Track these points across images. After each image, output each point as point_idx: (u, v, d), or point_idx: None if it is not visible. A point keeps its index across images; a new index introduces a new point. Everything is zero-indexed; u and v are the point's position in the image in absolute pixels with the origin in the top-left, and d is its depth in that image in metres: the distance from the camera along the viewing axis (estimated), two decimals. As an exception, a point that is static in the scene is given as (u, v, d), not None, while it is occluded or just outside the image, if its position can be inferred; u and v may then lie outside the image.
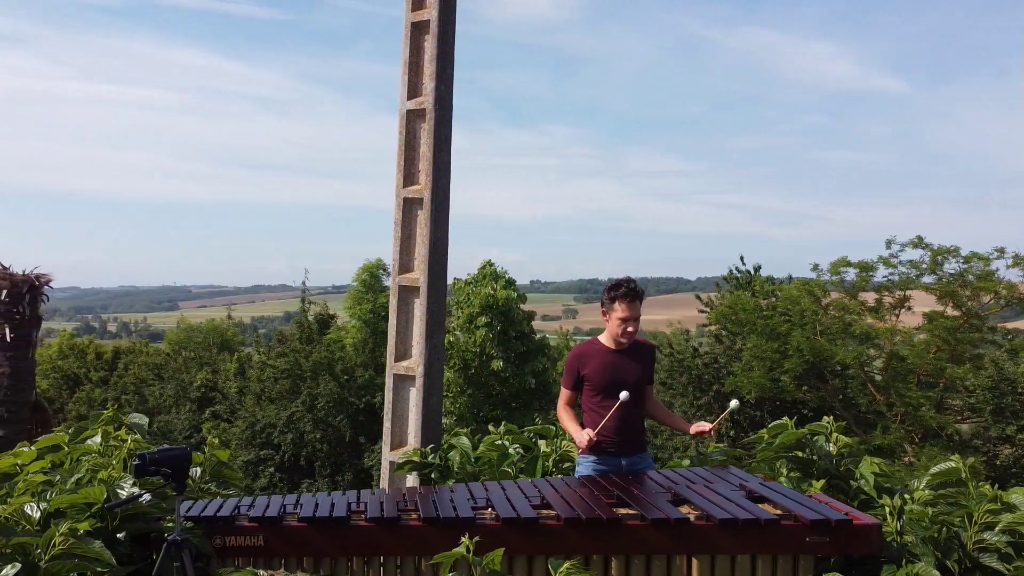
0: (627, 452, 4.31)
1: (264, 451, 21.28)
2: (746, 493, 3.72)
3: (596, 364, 4.30)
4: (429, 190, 5.28)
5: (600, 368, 4.29)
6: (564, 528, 3.29)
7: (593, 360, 4.33)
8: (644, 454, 4.43)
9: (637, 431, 4.39)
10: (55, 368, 39.87)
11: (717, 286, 25.89)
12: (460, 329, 20.55)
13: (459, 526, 3.27)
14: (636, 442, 4.37)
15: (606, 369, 4.28)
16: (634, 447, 4.35)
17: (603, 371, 4.27)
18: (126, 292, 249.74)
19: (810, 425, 4.95)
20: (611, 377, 4.25)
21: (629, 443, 4.32)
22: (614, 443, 4.29)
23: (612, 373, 4.26)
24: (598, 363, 4.30)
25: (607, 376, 4.26)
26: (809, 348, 19.99)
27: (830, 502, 3.66)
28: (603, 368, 4.28)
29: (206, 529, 3.26)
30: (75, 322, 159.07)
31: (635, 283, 4.33)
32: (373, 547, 3.31)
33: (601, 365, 4.29)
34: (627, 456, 4.31)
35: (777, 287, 23.50)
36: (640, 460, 4.38)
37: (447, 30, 5.35)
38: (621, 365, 4.28)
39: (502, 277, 21.17)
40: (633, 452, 4.34)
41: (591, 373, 4.30)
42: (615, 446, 4.29)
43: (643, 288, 4.42)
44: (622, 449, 4.30)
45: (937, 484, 4.07)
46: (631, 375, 4.28)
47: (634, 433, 4.36)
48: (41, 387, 37.63)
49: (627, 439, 4.30)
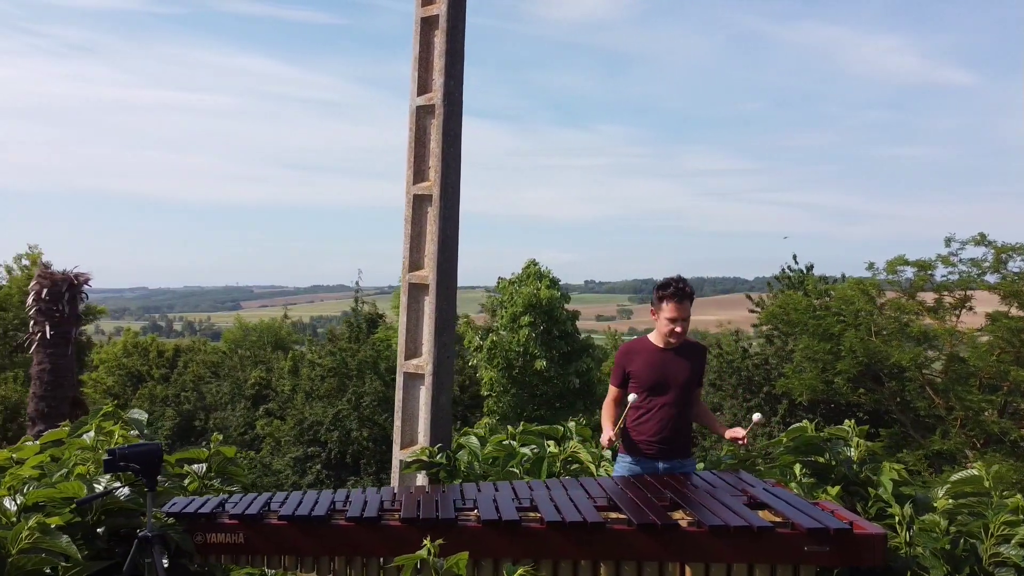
0: (667, 456, 4.15)
1: (311, 448, 21.60)
2: (748, 499, 3.56)
3: (643, 362, 4.18)
4: (438, 186, 5.23)
5: (646, 366, 4.16)
6: (547, 531, 3.19)
7: (640, 358, 4.20)
8: (687, 460, 4.25)
9: (680, 435, 4.20)
10: (120, 365, 41.15)
11: (769, 286, 25.29)
12: (504, 328, 20.51)
13: (439, 527, 3.20)
14: (678, 446, 4.19)
15: (653, 368, 4.15)
16: (676, 451, 4.17)
17: (649, 369, 4.15)
18: (191, 292, 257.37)
19: (830, 429, 4.74)
20: (657, 376, 4.13)
21: (670, 447, 4.15)
22: (652, 446, 4.14)
23: (659, 372, 4.14)
24: (645, 361, 4.18)
25: (653, 375, 4.14)
26: (863, 349, 19.34)
27: (837, 510, 3.48)
28: (650, 366, 4.15)
29: (188, 526, 3.26)
30: (143, 321, 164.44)
31: (685, 282, 4.19)
32: (354, 547, 3.26)
33: (648, 363, 4.17)
34: (667, 460, 4.15)
35: (830, 286, 22.82)
36: (681, 466, 4.19)
37: (456, 25, 5.29)
38: (669, 364, 4.15)
39: (546, 276, 21.05)
40: (673, 456, 4.17)
41: (637, 371, 4.17)
42: (653, 449, 4.15)
43: (693, 288, 4.27)
44: (662, 453, 4.15)
45: (959, 493, 3.83)
46: (679, 375, 4.15)
47: (677, 437, 4.17)
48: (107, 383, 38.99)
49: (668, 443, 4.14)
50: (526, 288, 20.47)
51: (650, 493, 3.62)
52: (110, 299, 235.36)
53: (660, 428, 4.13)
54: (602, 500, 3.53)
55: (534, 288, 20.44)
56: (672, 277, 4.22)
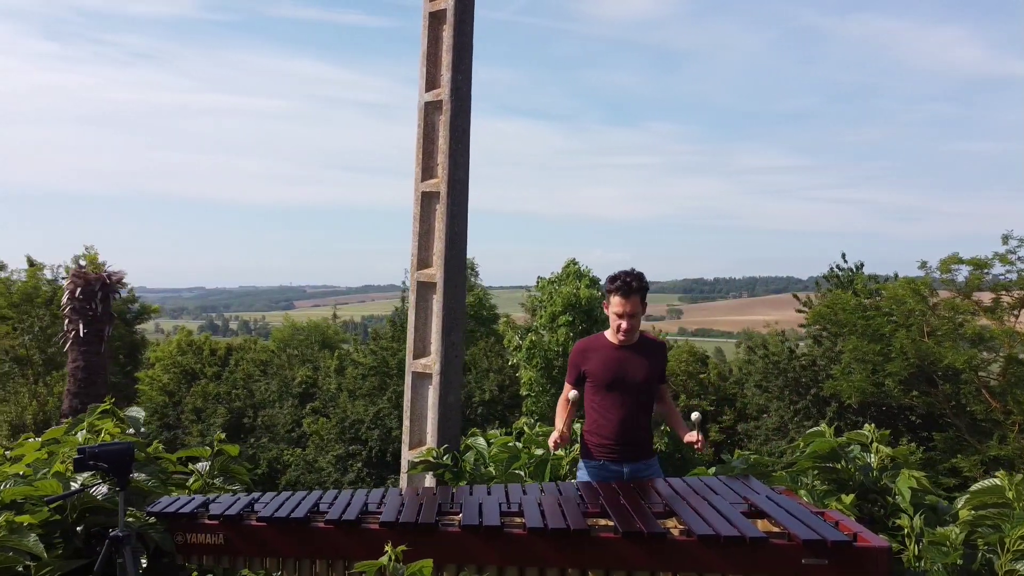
0: (629, 458, 4.01)
1: (352, 446, 21.78)
2: (749, 507, 3.40)
3: (598, 360, 4.03)
4: (445, 183, 5.14)
5: (602, 364, 4.01)
6: (528, 537, 3.08)
7: (596, 355, 4.05)
8: (650, 460, 4.11)
9: (640, 436, 4.06)
10: (175, 363, 42.04)
11: (817, 285, 24.64)
12: (543, 328, 20.39)
13: (418, 532, 3.12)
14: (640, 448, 4.05)
15: (608, 365, 3.99)
16: (637, 453, 4.04)
17: (605, 367, 3.99)
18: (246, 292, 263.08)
19: (849, 434, 4.53)
20: (613, 374, 3.97)
21: (631, 449, 4.01)
22: (614, 449, 4.00)
23: (615, 370, 3.98)
24: (601, 359, 4.03)
25: (609, 373, 3.98)
26: (914, 350, 18.68)
27: (842, 521, 3.28)
28: (605, 364, 4.00)
29: (169, 525, 3.24)
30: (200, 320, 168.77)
31: (634, 276, 3.96)
32: (333, 550, 3.20)
33: (603, 361, 4.01)
34: (629, 463, 4.00)
35: (881, 285, 22.11)
36: (645, 467, 4.05)
37: (464, 19, 5.20)
38: (626, 362, 3.99)
39: (586, 276, 20.86)
40: (637, 458, 4.03)
41: (592, 369, 4.03)
42: (615, 452, 4.00)
43: (646, 283, 4.04)
44: (623, 455, 4.00)
45: (979, 504, 3.59)
46: (636, 373, 3.98)
47: (637, 438, 4.04)
48: (162, 380, 39.91)
49: (629, 444, 4.00)
50: (565, 288, 20.33)
51: (646, 499, 3.48)
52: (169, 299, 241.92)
53: (620, 430, 3.97)
54: (596, 506, 3.40)
55: (573, 288, 20.28)
56: (623, 271, 3.99)
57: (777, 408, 23.35)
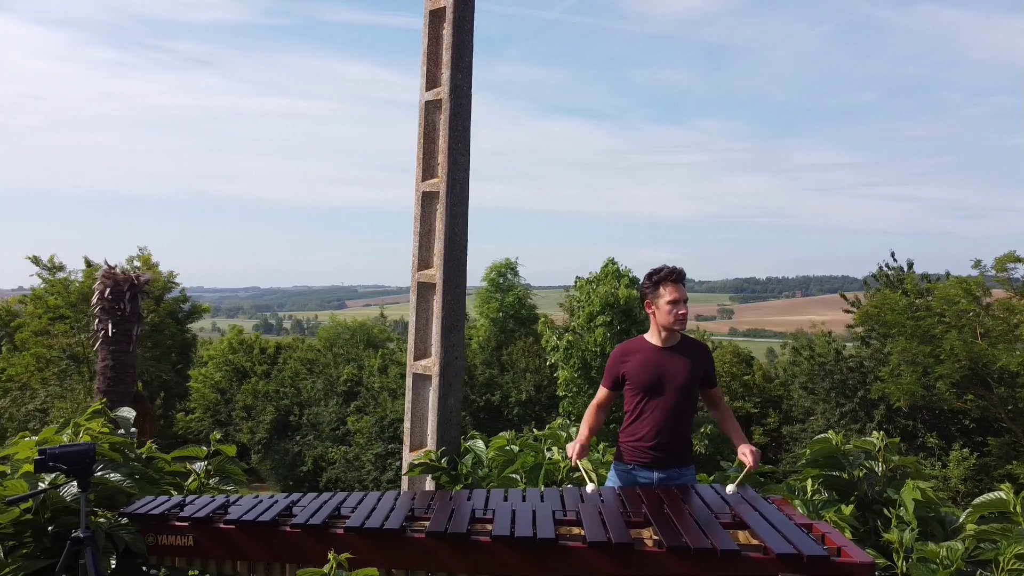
0: (662, 465, 3.82)
1: (392, 445, 21.92)
2: (732, 517, 3.26)
3: (638, 362, 3.85)
4: (445, 183, 5.09)
5: (642, 366, 3.84)
6: (492, 545, 3.00)
7: (636, 357, 3.87)
8: (684, 469, 3.90)
9: (677, 442, 3.86)
10: (227, 361, 42.88)
11: (866, 284, 23.95)
12: (581, 328, 20.24)
13: (383, 538, 3.07)
14: (675, 454, 3.85)
15: (649, 367, 3.82)
16: (672, 460, 3.84)
17: (645, 369, 3.82)
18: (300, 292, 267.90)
19: (856, 440, 4.34)
20: (654, 376, 3.80)
21: (665, 454, 3.82)
22: (646, 453, 3.84)
23: (655, 372, 3.81)
24: (641, 360, 3.85)
25: (650, 375, 3.81)
26: (966, 352, 18.03)
27: (829, 534, 3.12)
28: (645, 366, 3.83)
29: (142, 526, 3.25)
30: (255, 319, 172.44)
31: (675, 266, 3.89)
32: (301, 554, 3.16)
33: (644, 363, 3.84)
34: (662, 469, 3.83)
35: (932, 285, 21.37)
36: (679, 475, 3.86)
37: (464, 15, 5.14)
38: (667, 364, 3.82)
39: (625, 275, 20.64)
40: (670, 465, 3.84)
41: (632, 371, 3.86)
42: (647, 456, 3.84)
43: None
44: (656, 461, 3.82)
45: (981, 518, 3.40)
46: (677, 376, 3.80)
47: (673, 443, 3.84)
48: (215, 378, 40.77)
49: (663, 449, 3.82)
50: (603, 287, 20.14)
51: (625, 507, 3.37)
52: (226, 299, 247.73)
53: (655, 433, 3.81)
54: (572, 513, 3.30)
55: (611, 287, 20.08)
56: (663, 264, 3.91)
57: (823, 411, 22.78)
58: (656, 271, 3.91)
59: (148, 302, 32.56)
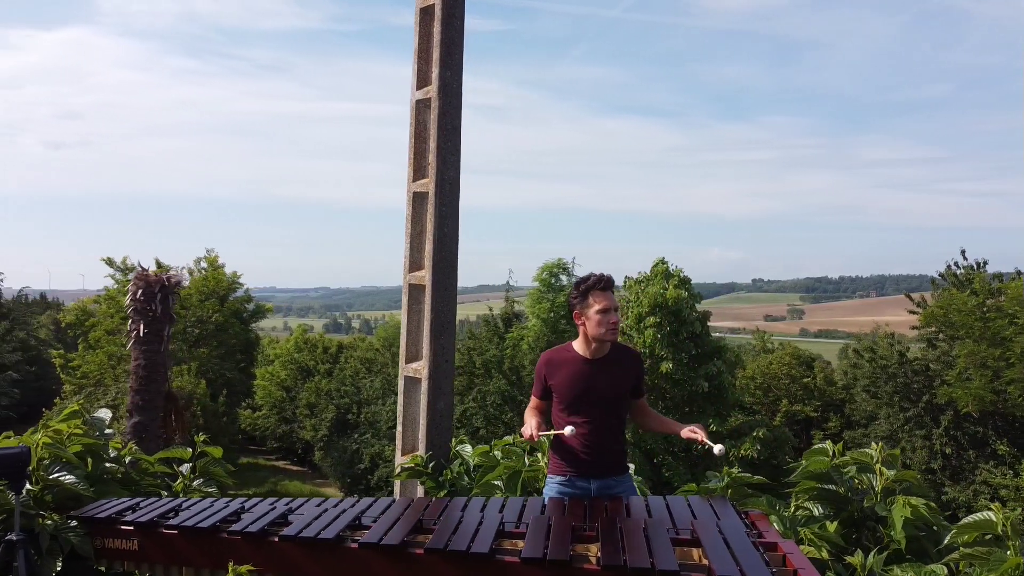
0: (597, 474, 3.71)
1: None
2: (691, 533, 3.07)
3: (565, 374, 3.73)
4: (434, 183, 5.01)
5: (569, 379, 3.71)
6: (424, 557, 2.90)
7: (563, 369, 3.75)
8: (621, 477, 3.78)
9: (608, 453, 3.73)
10: (292, 360, 43.81)
11: (933, 284, 22.87)
12: (630, 329, 19.91)
13: (318, 547, 3.00)
14: (609, 463, 3.74)
15: (576, 380, 3.69)
16: (606, 468, 3.73)
17: (571, 382, 3.69)
18: (368, 292, 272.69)
19: (853, 452, 4.08)
20: (580, 390, 3.67)
21: (599, 464, 3.72)
22: (579, 464, 3.73)
23: (582, 387, 3.67)
24: (567, 373, 3.72)
25: (576, 389, 3.68)
26: (1038, 356, 17.02)
27: (792, 555, 2.92)
28: (572, 379, 3.70)
29: (91, 529, 3.26)
30: (324, 319, 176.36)
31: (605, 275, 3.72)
32: (239, 561, 3.10)
33: (570, 375, 3.71)
34: (598, 478, 3.71)
35: (1004, 285, 20.25)
36: (616, 483, 3.74)
37: (453, 12, 5.05)
38: (595, 378, 3.68)
39: (675, 276, 20.21)
40: (606, 474, 3.72)
41: (558, 384, 3.73)
42: (581, 467, 3.73)
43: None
44: (591, 471, 3.72)
45: (967, 540, 3.12)
46: (606, 390, 3.67)
47: (604, 455, 3.72)
48: (280, 376, 41.72)
49: (596, 459, 3.71)
50: (652, 288, 19.76)
51: (578, 520, 3.22)
52: (297, 299, 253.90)
53: (586, 446, 3.67)
54: (525, 525, 3.17)
55: (661, 288, 19.69)
56: (594, 272, 3.75)
57: (887, 415, 21.85)
58: (583, 280, 3.75)
59: (213, 302, 33.58)
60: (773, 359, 25.73)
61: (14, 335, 40.57)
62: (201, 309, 33.46)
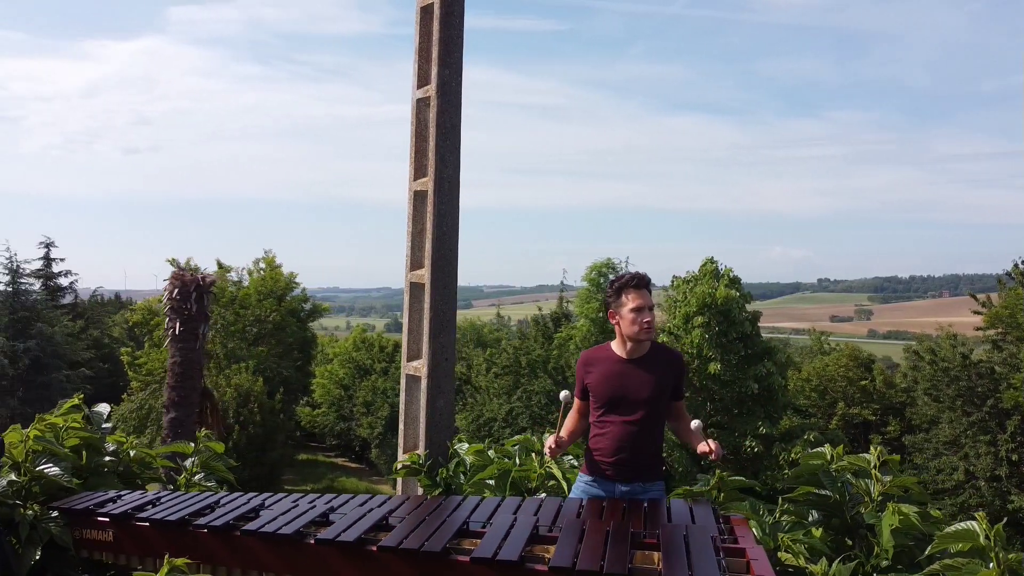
0: (625, 478, 3.61)
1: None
2: (657, 537, 3.00)
3: (600, 373, 3.66)
4: (433, 181, 5.01)
5: (604, 378, 3.63)
6: (378, 553, 2.89)
7: (598, 368, 3.68)
8: (653, 484, 3.66)
9: (641, 456, 3.62)
10: (350, 359, 44.54)
11: (1000, 283, 21.90)
12: (678, 329, 19.64)
13: (277, 542, 3.02)
14: (641, 467, 3.63)
15: (611, 380, 3.61)
16: (636, 474, 3.62)
17: (607, 382, 3.62)
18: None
19: (850, 457, 3.91)
20: (616, 390, 3.60)
21: (629, 468, 3.61)
22: (609, 466, 3.63)
23: (617, 386, 3.60)
24: (603, 372, 3.65)
25: (612, 388, 3.60)
26: (1111, 359, 16.12)
27: (757, 560, 2.82)
28: (607, 378, 3.62)
29: (71, 520, 3.36)
30: (386, 318, 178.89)
31: (639, 273, 3.69)
32: (207, 556, 3.17)
33: (605, 375, 3.64)
34: (626, 483, 3.61)
35: (1075, 283, 19.26)
36: (644, 490, 3.63)
37: (452, 11, 5.03)
38: (630, 377, 3.59)
39: (725, 275, 19.83)
40: (635, 479, 3.62)
41: (594, 383, 3.67)
42: (610, 469, 3.63)
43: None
44: (619, 474, 3.61)
45: (946, 551, 2.96)
46: (641, 390, 3.58)
47: (637, 458, 3.61)
48: (339, 374, 42.45)
49: (626, 464, 3.60)
50: (700, 287, 19.44)
51: (554, 523, 3.17)
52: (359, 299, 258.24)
53: (617, 448, 3.59)
54: (489, 526, 3.14)
55: (709, 287, 19.35)
56: (625, 271, 3.71)
57: (949, 419, 21.01)
58: (618, 278, 3.71)
59: (271, 301, 34.42)
60: (829, 361, 25.01)
61: (88, 333, 42.36)
62: (259, 308, 34.37)
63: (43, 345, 33.22)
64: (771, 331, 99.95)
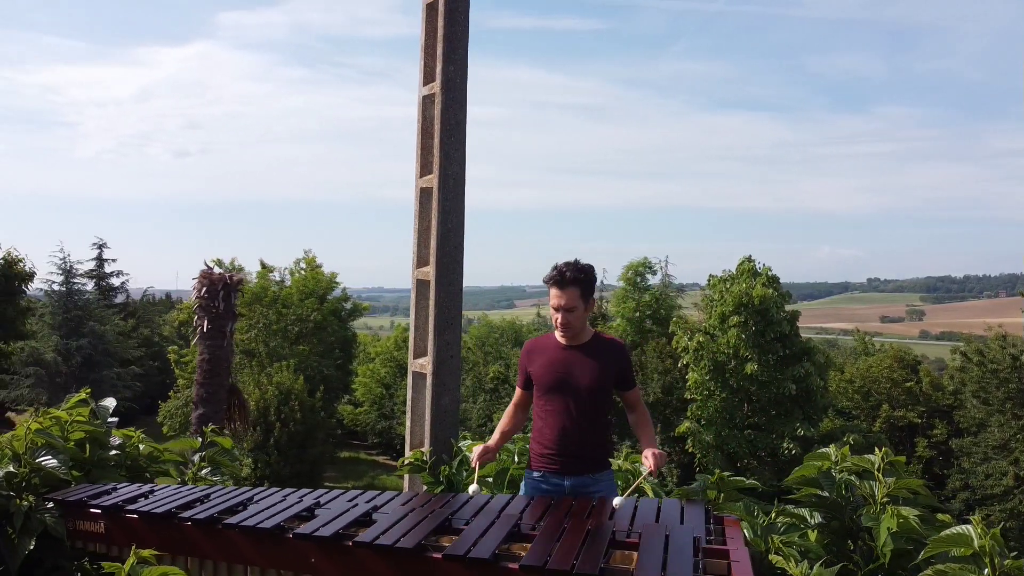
0: (572, 471, 3.60)
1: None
2: (639, 537, 2.94)
3: (543, 361, 3.68)
4: (438, 178, 5.00)
5: (546, 366, 3.66)
6: (354, 548, 2.88)
7: (541, 356, 3.70)
8: (598, 475, 3.65)
9: (586, 447, 3.62)
10: (391, 358, 44.90)
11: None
12: (714, 328, 19.37)
13: (258, 536, 3.04)
14: (585, 460, 3.62)
15: (554, 366, 3.63)
16: (582, 466, 3.61)
17: (550, 368, 3.64)
18: (470, 292, 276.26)
19: (854, 458, 3.81)
20: (557, 377, 3.61)
21: (574, 461, 3.61)
22: (554, 459, 3.64)
23: (558, 373, 3.61)
24: (545, 360, 3.67)
25: (553, 375, 3.62)
26: None
27: (738, 562, 2.74)
28: (549, 365, 3.64)
29: (66, 511, 3.43)
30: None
31: (570, 267, 3.58)
32: (193, 549, 3.20)
33: (547, 362, 3.66)
34: (572, 475, 3.61)
35: None
36: (592, 482, 3.62)
37: (457, 7, 5.02)
38: (572, 365, 3.60)
39: (762, 274, 19.49)
40: (581, 471, 3.61)
41: (536, 371, 3.70)
42: (555, 463, 3.64)
43: (592, 276, 3.62)
44: (564, 467, 3.61)
45: (940, 555, 2.85)
46: (582, 377, 3.58)
47: (581, 449, 3.61)
48: (380, 373, 42.83)
49: (571, 456, 3.60)
50: (737, 286, 19.14)
51: (529, 519, 3.13)
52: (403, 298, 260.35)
53: (561, 436, 3.58)
54: (471, 522, 3.11)
55: (746, 286, 19.04)
56: (563, 262, 3.63)
57: (999, 423, 20.35)
58: (550, 271, 3.64)
59: (312, 301, 34.88)
60: (873, 362, 24.40)
61: (139, 332, 43.50)
62: (301, 308, 34.86)
63: (95, 343, 34.20)
64: (818, 332, 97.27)
